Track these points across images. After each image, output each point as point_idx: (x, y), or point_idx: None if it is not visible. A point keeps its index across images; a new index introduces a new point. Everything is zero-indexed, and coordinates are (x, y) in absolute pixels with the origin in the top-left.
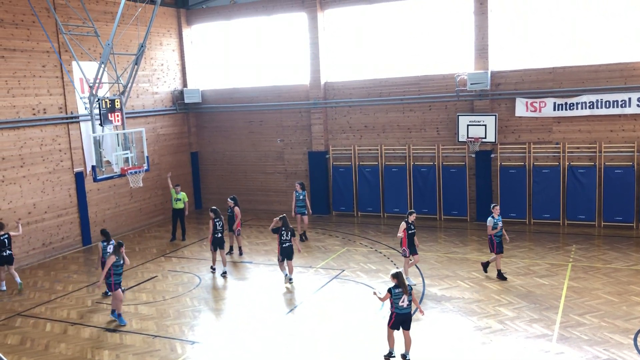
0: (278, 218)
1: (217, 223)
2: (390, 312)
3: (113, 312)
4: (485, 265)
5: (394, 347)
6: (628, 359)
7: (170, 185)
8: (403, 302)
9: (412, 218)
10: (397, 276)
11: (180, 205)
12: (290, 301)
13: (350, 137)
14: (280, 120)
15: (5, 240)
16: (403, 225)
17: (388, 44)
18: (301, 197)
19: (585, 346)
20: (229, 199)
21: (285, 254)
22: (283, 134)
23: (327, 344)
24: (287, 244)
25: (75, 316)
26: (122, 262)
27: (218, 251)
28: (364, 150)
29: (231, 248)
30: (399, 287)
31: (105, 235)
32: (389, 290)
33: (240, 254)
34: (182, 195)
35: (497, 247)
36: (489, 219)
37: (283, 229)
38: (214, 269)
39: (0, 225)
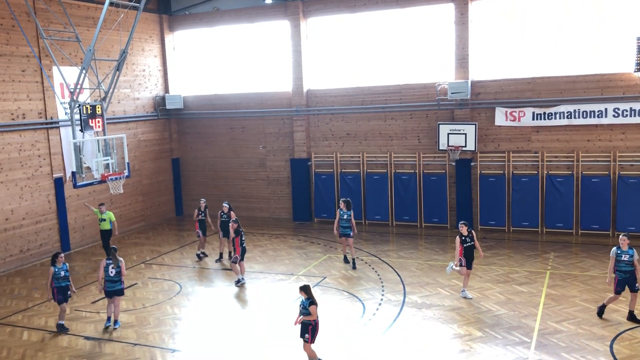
0: (233, 221)
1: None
2: (313, 325)
3: (116, 321)
4: (601, 311)
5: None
6: None
7: (92, 208)
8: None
9: (463, 230)
10: (305, 289)
11: (106, 226)
12: (270, 308)
13: (333, 144)
14: (263, 127)
15: None
16: (457, 239)
17: (370, 53)
18: (345, 216)
19: (563, 353)
20: (224, 204)
21: (243, 254)
22: (265, 141)
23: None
24: (244, 244)
25: (53, 324)
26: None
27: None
28: (345, 158)
29: (220, 255)
30: (311, 297)
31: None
32: (315, 303)
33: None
34: (109, 214)
35: (617, 284)
36: (613, 249)
37: (242, 230)
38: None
39: None
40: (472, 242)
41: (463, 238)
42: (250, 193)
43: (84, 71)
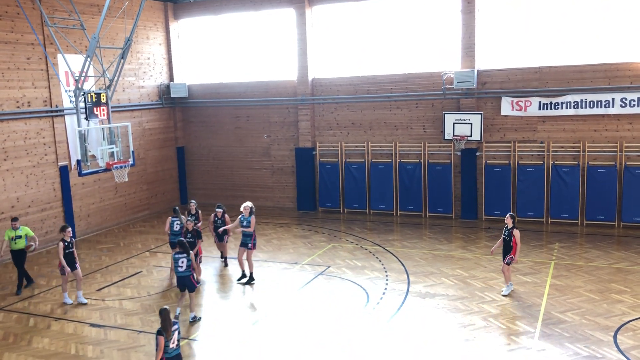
0: (188, 220)
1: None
2: None
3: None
4: None
5: None
6: (608, 355)
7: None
8: (173, 342)
9: (507, 222)
10: (161, 314)
11: (21, 244)
12: (275, 297)
13: (337, 133)
14: (267, 116)
15: None
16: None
17: (376, 41)
18: (245, 223)
19: (567, 343)
20: (217, 208)
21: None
22: (270, 129)
23: (315, 340)
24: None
25: (59, 311)
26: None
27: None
28: (350, 147)
29: (225, 259)
30: (167, 327)
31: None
32: (161, 333)
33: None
34: (24, 230)
35: None
36: None
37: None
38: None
39: None
40: (509, 239)
41: (504, 230)
42: (254, 182)
43: (88, 59)
